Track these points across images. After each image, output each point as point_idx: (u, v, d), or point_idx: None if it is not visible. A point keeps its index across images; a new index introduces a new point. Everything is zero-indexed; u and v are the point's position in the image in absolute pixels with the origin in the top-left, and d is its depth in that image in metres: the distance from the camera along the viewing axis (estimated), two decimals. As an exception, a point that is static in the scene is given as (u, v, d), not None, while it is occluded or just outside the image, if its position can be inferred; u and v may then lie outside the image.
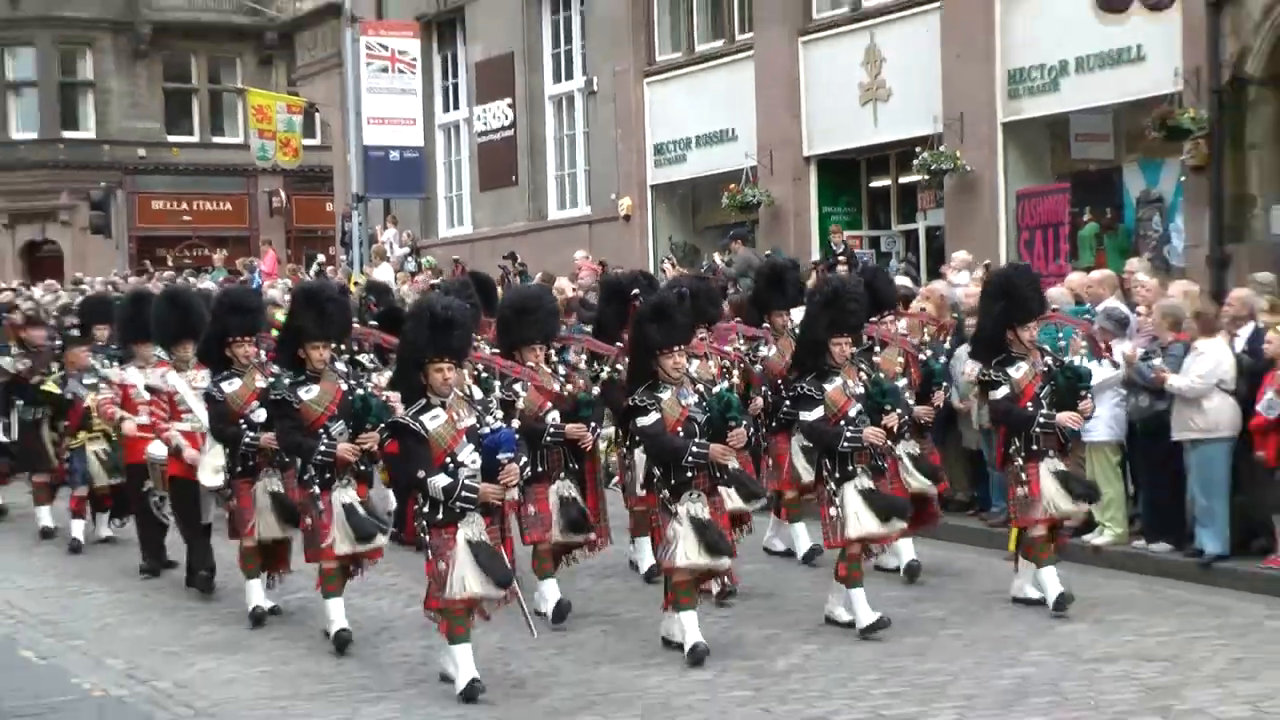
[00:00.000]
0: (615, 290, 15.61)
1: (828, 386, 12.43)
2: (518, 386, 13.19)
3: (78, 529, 18.03)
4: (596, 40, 31.83)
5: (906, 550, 14.33)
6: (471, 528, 10.87)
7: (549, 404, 13.19)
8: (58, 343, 19.56)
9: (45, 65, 50.52)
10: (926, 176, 25.63)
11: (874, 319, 14.39)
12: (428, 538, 11.00)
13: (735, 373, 14.47)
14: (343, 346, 13.87)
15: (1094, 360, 14.68)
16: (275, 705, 11.55)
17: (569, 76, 32.96)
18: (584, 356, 14.96)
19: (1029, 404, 12.95)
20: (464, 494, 10.78)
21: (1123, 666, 11.57)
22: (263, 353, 14.31)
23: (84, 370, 18.29)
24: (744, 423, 12.08)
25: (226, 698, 11.78)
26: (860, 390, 12.54)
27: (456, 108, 35.72)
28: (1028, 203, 24.65)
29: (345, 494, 12.56)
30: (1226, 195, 21.54)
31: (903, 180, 27.07)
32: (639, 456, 13.49)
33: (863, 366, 12.93)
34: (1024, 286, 13.46)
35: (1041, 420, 12.88)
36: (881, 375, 13.38)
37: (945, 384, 15.20)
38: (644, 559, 14.61)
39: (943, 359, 15.73)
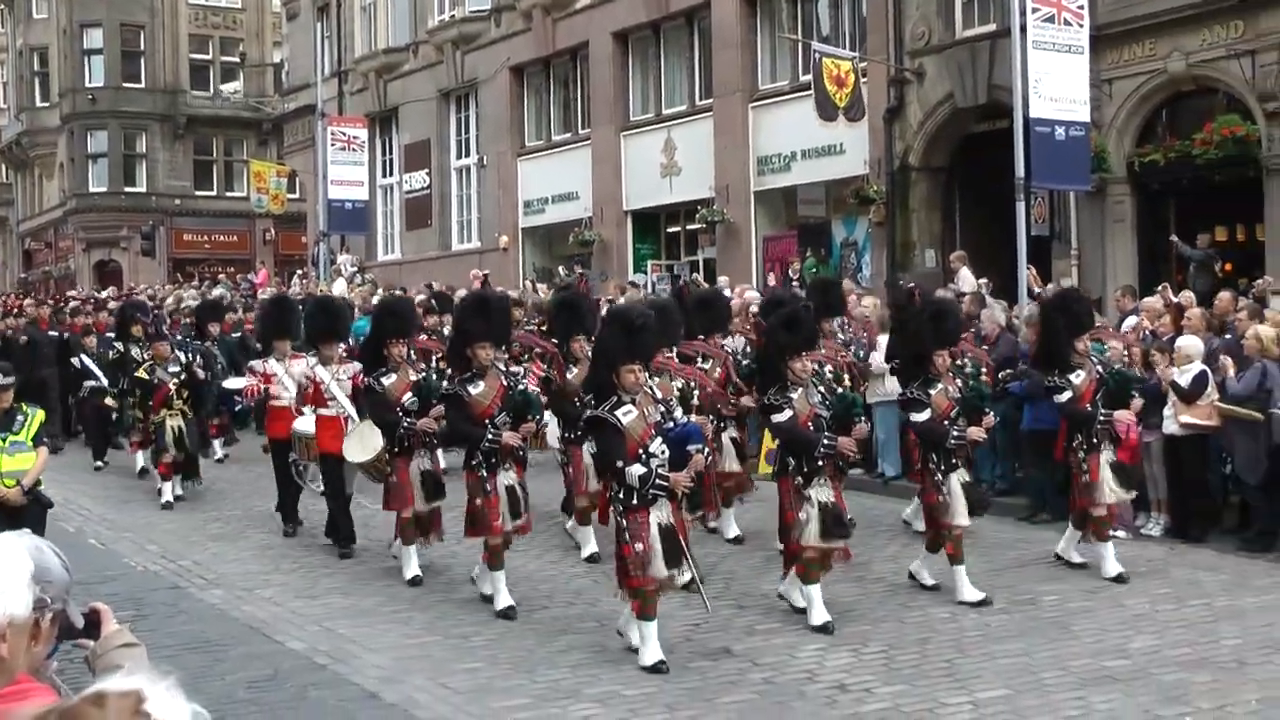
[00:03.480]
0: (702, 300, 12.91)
1: (932, 392, 9.92)
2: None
3: (168, 490, 14.65)
4: (486, 131, 31.32)
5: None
6: (661, 512, 8.29)
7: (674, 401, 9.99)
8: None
9: (114, 142, 48.96)
10: (705, 226, 25.55)
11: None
12: (623, 521, 8.33)
13: (846, 376, 11.60)
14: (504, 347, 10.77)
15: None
16: (260, 577, 11.14)
17: (467, 155, 32.39)
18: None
19: (1088, 405, 10.54)
20: (658, 482, 8.22)
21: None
22: (410, 351, 11.46)
23: (167, 360, 15.11)
24: (862, 419, 9.86)
25: (227, 571, 11.38)
26: (958, 395, 10.09)
27: (391, 175, 35.02)
28: (770, 244, 24.68)
29: (507, 476, 9.73)
30: (897, 241, 21.75)
31: (689, 227, 26.89)
32: (725, 440, 11.69)
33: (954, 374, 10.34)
34: (1075, 305, 11.15)
35: (1102, 417, 10.54)
36: (984, 381, 11.12)
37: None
38: (729, 529, 12.07)
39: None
